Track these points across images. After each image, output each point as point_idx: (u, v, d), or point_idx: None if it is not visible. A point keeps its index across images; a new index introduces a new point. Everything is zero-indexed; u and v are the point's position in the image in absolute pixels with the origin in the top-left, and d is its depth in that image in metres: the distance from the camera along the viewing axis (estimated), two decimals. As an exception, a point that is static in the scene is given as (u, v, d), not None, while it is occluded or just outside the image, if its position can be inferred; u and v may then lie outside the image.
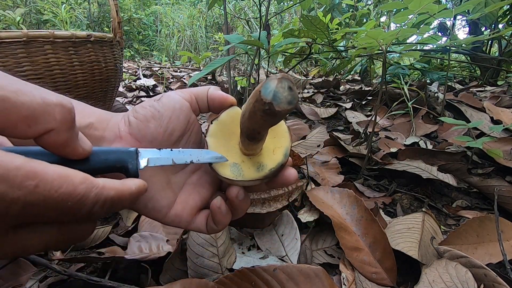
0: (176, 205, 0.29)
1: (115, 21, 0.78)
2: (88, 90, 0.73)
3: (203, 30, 5.07)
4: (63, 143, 0.19)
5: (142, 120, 0.27)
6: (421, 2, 0.61)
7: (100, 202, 0.18)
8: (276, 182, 0.29)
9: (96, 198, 0.18)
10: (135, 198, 0.21)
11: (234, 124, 0.30)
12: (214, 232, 0.30)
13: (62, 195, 0.16)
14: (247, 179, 0.27)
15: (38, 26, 4.35)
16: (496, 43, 1.63)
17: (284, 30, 1.11)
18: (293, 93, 0.20)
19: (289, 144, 0.29)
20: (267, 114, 0.20)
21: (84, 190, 0.17)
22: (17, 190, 0.15)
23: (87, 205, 0.17)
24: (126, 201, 0.20)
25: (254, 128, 0.23)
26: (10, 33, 0.59)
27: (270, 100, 0.19)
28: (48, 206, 0.16)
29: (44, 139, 0.18)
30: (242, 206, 0.29)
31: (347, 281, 0.40)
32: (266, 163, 0.28)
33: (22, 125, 0.16)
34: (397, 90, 1.17)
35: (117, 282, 0.38)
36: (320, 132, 0.86)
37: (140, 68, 2.69)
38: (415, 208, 0.60)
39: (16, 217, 0.16)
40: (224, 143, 0.29)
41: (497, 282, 0.35)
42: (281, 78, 0.19)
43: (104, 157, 0.22)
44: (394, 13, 1.63)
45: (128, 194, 0.20)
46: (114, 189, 0.19)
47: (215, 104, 0.30)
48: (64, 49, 0.66)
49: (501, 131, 0.79)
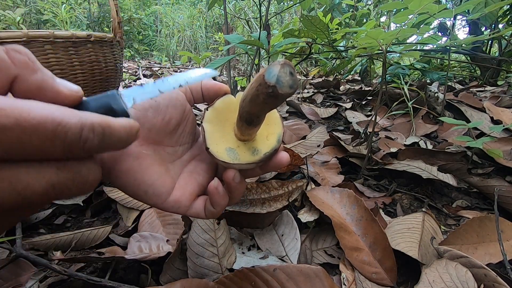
0: (174, 191, 0.30)
1: (115, 21, 0.78)
2: (88, 90, 0.73)
3: (203, 30, 5.07)
4: (38, 86, 0.18)
5: (140, 109, 0.28)
6: (421, 2, 0.61)
7: (87, 127, 0.17)
8: (269, 165, 0.31)
9: (80, 122, 0.17)
10: (130, 133, 0.20)
11: (228, 111, 0.31)
12: (213, 216, 0.31)
13: (37, 118, 0.15)
14: (243, 162, 0.29)
15: (38, 26, 4.35)
16: (496, 43, 1.63)
17: (284, 30, 1.11)
18: (294, 78, 0.21)
19: (281, 131, 0.31)
20: (270, 97, 0.21)
21: (61, 114, 0.16)
22: None
23: (72, 128, 0.17)
24: (120, 133, 0.19)
25: (254, 111, 0.25)
26: (10, 33, 0.59)
27: (273, 84, 0.20)
28: (26, 131, 0.15)
29: (16, 89, 0.18)
30: (239, 188, 0.30)
31: (347, 281, 0.40)
32: (261, 147, 0.30)
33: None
34: (397, 90, 1.17)
35: (117, 282, 0.38)
36: (320, 132, 0.86)
37: (140, 68, 2.70)
38: (415, 208, 0.60)
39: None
40: (219, 129, 0.31)
41: (497, 282, 0.35)
42: (284, 64, 0.21)
43: (87, 105, 0.21)
44: (394, 13, 1.63)
45: (119, 126, 0.19)
46: (99, 117, 0.18)
47: (210, 93, 0.32)
48: (64, 49, 0.66)
49: (501, 131, 0.79)
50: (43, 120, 0.16)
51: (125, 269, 0.45)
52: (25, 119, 0.15)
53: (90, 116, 0.18)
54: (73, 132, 0.17)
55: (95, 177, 0.21)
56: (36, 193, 0.17)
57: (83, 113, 0.18)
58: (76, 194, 0.20)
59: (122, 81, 2.03)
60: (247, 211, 0.50)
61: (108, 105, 0.22)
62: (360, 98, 1.37)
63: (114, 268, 0.44)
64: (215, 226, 0.46)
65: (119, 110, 0.22)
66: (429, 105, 1.05)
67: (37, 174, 0.17)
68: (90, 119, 0.18)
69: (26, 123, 0.15)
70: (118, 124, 0.19)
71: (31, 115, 0.15)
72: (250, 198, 0.52)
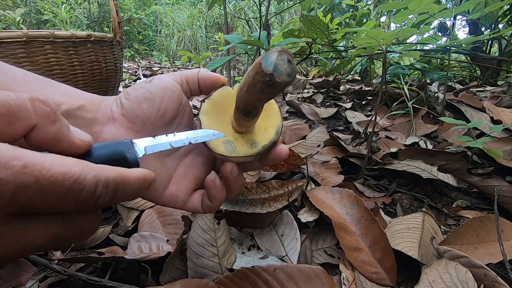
0: (171, 185, 0.29)
1: (115, 21, 0.78)
2: (88, 90, 0.73)
3: (203, 30, 5.07)
4: (53, 137, 0.18)
5: (135, 101, 0.28)
6: (421, 2, 0.61)
7: (102, 183, 0.17)
8: (268, 158, 0.30)
9: (96, 178, 0.17)
10: (143, 186, 0.20)
11: (225, 103, 0.30)
12: (210, 211, 0.30)
13: (56, 175, 0.15)
14: (241, 155, 0.28)
15: (38, 26, 4.35)
16: (496, 43, 1.63)
17: (284, 30, 1.11)
18: (292, 66, 0.20)
19: (280, 123, 0.30)
20: (268, 86, 0.20)
21: (80, 171, 0.16)
22: (4, 169, 0.14)
23: (87, 186, 0.16)
24: (133, 187, 0.19)
25: (251, 101, 0.23)
26: (10, 33, 0.59)
27: (271, 72, 0.19)
28: (44, 188, 0.15)
29: (32, 137, 0.18)
30: (237, 182, 0.30)
31: (347, 281, 0.40)
32: (259, 140, 0.29)
33: (3, 124, 0.16)
34: (397, 90, 1.17)
35: (117, 282, 0.38)
36: (320, 132, 0.86)
37: (140, 68, 2.70)
38: (415, 208, 0.60)
39: (9, 202, 0.15)
40: (216, 121, 0.30)
41: (497, 282, 0.35)
42: (281, 51, 0.20)
43: (100, 152, 0.21)
44: (394, 13, 1.63)
45: (134, 179, 0.19)
46: (115, 171, 0.18)
47: (207, 84, 0.31)
48: (64, 49, 0.66)
49: (501, 131, 0.79)
50: (61, 178, 0.16)
51: (125, 269, 0.45)
52: (44, 176, 0.15)
53: (105, 171, 0.18)
54: (88, 189, 0.17)
55: (96, 227, 0.20)
56: (37, 246, 0.17)
57: (99, 168, 0.17)
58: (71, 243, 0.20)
59: (122, 81, 2.03)
60: (247, 211, 0.50)
61: (122, 153, 0.22)
62: (360, 98, 1.37)
63: (114, 268, 0.44)
64: (215, 226, 0.46)
65: (131, 159, 0.22)
66: (429, 105, 1.05)
67: (43, 229, 0.17)
68: (106, 174, 0.17)
69: (45, 181, 0.15)
70: (133, 176, 0.19)
71: (50, 172, 0.15)
72: (250, 198, 0.52)
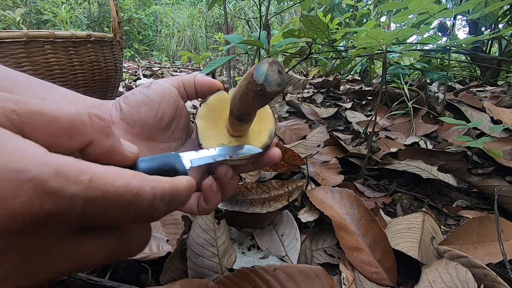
0: None
1: (115, 21, 0.78)
2: (88, 90, 0.73)
3: (203, 30, 5.07)
4: (109, 151, 0.19)
5: (133, 105, 0.28)
6: (421, 2, 0.61)
7: (158, 195, 0.17)
8: (261, 161, 0.31)
9: (153, 191, 0.17)
10: (189, 194, 0.20)
11: (221, 107, 0.32)
12: (205, 213, 0.31)
13: (119, 189, 0.16)
14: (235, 158, 0.29)
15: (38, 26, 4.35)
16: (496, 43, 1.63)
17: (284, 30, 1.11)
18: (282, 76, 0.21)
19: (273, 127, 0.31)
20: (259, 95, 0.22)
21: (139, 183, 0.16)
22: (74, 184, 0.14)
23: (146, 199, 0.17)
24: (182, 196, 0.19)
25: (244, 109, 0.25)
26: (10, 33, 0.59)
27: (262, 82, 0.21)
28: (108, 202, 0.15)
29: (89, 151, 0.18)
30: (231, 184, 0.31)
31: (347, 281, 0.40)
32: (253, 144, 0.30)
33: (64, 137, 0.17)
34: (397, 90, 1.17)
35: (117, 282, 0.38)
36: (320, 132, 0.86)
37: (140, 68, 2.70)
38: (415, 208, 0.60)
39: (78, 217, 0.15)
40: (212, 125, 0.31)
41: (497, 282, 0.35)
42: (272, 62, 0.21)
43: (150, 163, 0.22)
44: (394, 13, 1.63)
45: (182, 188, 0.19)
46: (168, 182, 0.18)
47: (203, 89, 0.32)
48: (64, 49, 0.66)
49: (501, 131, 0.79)
50: (123, 191, 0.16)
51: (125, 269, 0.45)
52: (109, 190, 0.15)
53: (159, 182, 0.18)
54: (146, 203, 0.17)
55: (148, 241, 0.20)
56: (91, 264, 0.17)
57: (154, 179, 0.18)
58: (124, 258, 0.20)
59: (122, 81, 2.03)
60: (247, 211, 0.50)
61: (172, 165, 0.22)
62: (360, 98, 1.37)
63: (114, 268, 0.44)
64: (215, 226, 0.46)
65: (181, 171, 0.22)
66: (429, 105, 1.05)
67: (101, 245, 0.17)
68: (161, 186, 0.18)
69: (109, 195, 0.15)
70: (182, 186, 0.19)
71: (114, 185, 0.15)
72: (250, 198, 0.52)
